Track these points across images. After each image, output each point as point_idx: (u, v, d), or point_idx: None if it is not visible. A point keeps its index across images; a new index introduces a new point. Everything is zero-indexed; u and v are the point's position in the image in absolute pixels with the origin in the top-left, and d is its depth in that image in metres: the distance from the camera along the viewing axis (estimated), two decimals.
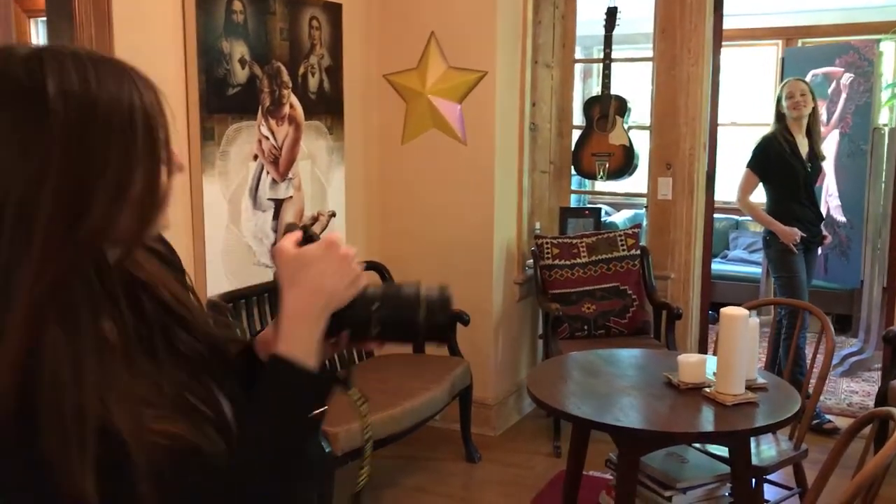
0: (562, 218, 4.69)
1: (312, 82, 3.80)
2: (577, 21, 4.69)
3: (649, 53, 4.53)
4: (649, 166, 4.53)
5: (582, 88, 6.89)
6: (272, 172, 3.58)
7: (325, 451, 2.89)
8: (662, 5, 4.38)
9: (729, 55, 5.63)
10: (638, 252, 4.29)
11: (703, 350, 4.55)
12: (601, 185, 5.32)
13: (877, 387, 3.92)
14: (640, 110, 4.80)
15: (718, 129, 4.57)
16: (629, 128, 4.62)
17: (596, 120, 4.60)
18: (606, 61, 4.59)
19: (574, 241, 4.31)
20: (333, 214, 3.97)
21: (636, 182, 5.01)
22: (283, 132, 3.63)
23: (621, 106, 4.58)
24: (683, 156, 4.39)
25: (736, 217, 7.21)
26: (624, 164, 4.58)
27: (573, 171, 4.79)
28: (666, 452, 2.84)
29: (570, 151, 4.72)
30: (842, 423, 4.24)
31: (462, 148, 4.15)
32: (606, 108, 4.58)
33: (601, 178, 4.62)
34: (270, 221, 3.57)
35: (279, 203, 3.62)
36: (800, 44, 6.95)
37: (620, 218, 6.94)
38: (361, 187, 4.23)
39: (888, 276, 5.27)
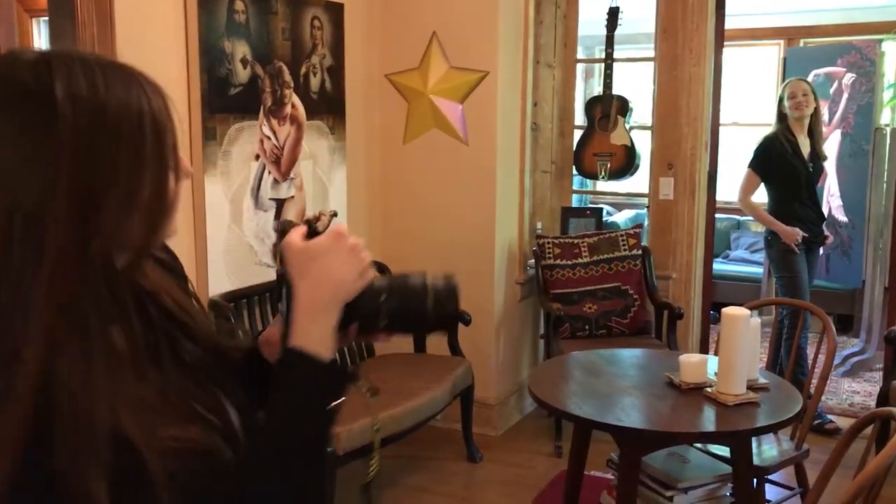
0: (563, 218, 4.69)
1: (314, 82, 3.80)
2: (578, 21, 4.70)
3: (651, 53, 4.53)
4: (651, 166, 4.53)
5: (583, 88, 6.89)
6: (274, 172, 3.58)
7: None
8: (664, 5, 4.38)
9: (730, 55, 5.62)
10: (639, 252, 4.29)
11: (704, 350, 4.55)
12: (603, 185, 5.32)
13: (878, 387, 3.91)
14: (642, 110, 4.79)
15: (720, 129, 4.57)
16: (631, 128, 4.62)
17: (597, 120, 4.60)
18: (608, 61, 4.59)
19: (575, 241, 4.31)
20: (335, 214, 3.96)
21: (638, 182, 5.01)
22: (285, 132, 3.64)
23: (623, 106, 4.58)
24: (685, 156, 4.39)
25: (737, 217, 7.20)
26: (625, 164, 4.58)
27: (575, 171, 4.79)
28: (667, 452, 2.84)
29: (572, 151, 4.72)
30: (843, 423, 4.24)
31: (464, 148, 4.15)
32: (608, 108, 4.58)
33: (603, 178, 4.62)
34: (272, 221, 3.57)
35: (281, 203, 3.63)
36: (801, 44, 6.94)
37: (622, 218, 6.94)
38: (363, 187, 4.23)
39: (890, 276, 5.28)
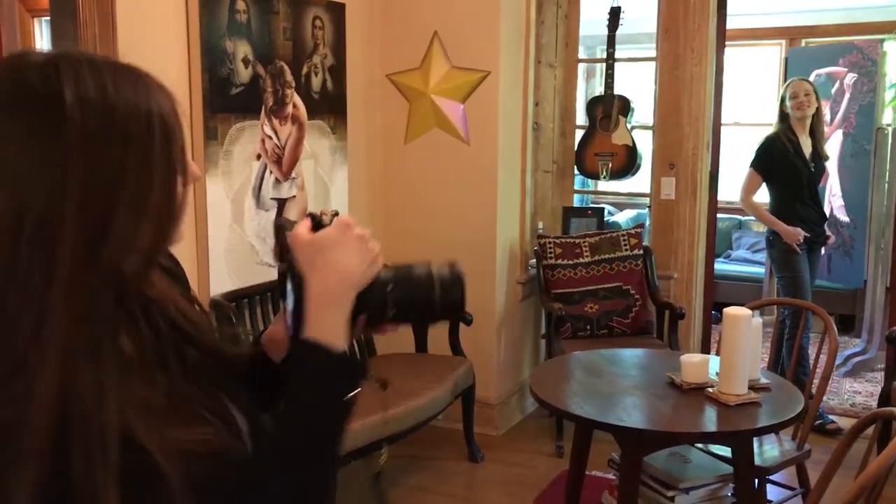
0: (565, 218, 4.68)
1: (315, 82, 3.80)
2: (580, 21, 4.70)
3: (652, 53, 4.53)
4: (652, 166, 4.52)
5: (585, 88, 6.88)
6: (275, 172, 3.58)
7: None
8: (666, 5, 4.37)
9: (732, 55, 5.62)
10: (641, 252, 4.29)
11: (705, 350, 4.55)
12: (604, 185, 5.31)
13: (880, 387, 3.91)
14: (644, 110, 4.79)
15: (722, 128, 4.56)
16: (632, 127, 4.61)
17: (599, 120, 4.60)
18: (609, 61, 4.59)
19: (577, 241, 4.30)
20: (336, 214, 3.95)
21: (639, 182, 5.01)
22: (287, 132, 3.64)
23: (624, 106, 4.58)
24: (686, 156, 4.39)
25: (739, 217, 7.20)
26: (627, 163, 4.58)
27: (576, 171, 4.79)
28: (669, 452, 2.84)
29: (573, 151, 4.72)
30: (845, 423, 4.24)
31: (465, 148, 4.15)
32: (609, 108, 4.58)
33: (604, 177, 4.62)
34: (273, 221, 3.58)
35: (282, 202, 3.63)
36: (803, 44, 6.94)
37: (623, 218, 6.93)
38: (364, 187, 4.23)
39: (891, 276, 5.27)
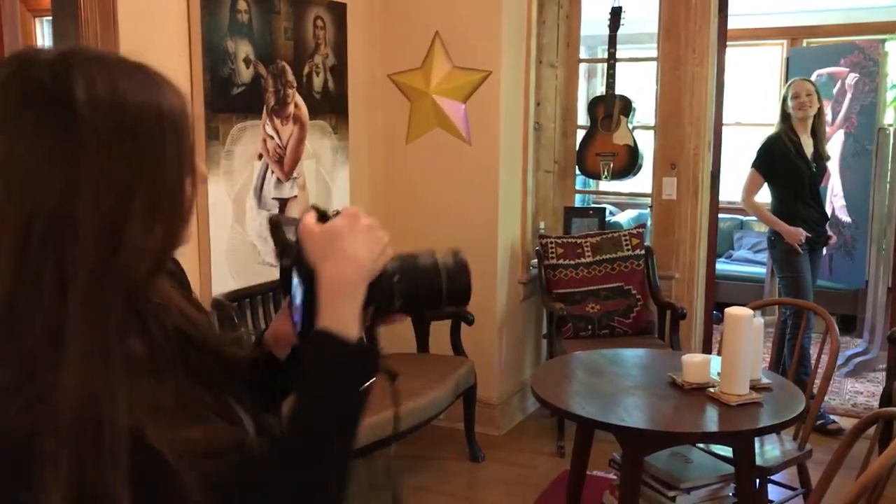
0: (566, 218, 4.68)
1: (317, 82, 3.80)
2: (581, 21, 4.70)
3: (654, 53, 4.53)
4: (654, 166, 4.52)
5: (586, 88, 6.88)
6: (277, 172, 3.58)
7: None
8: (667, 5, 4.37)
9: (733, 55, 5.61)
10: (642, 252, 4.29)
11: (707, 350, 4.55)
12: (605, 185, 5.31)
13: (881, 387, 3.91)
14: (645, 110, 4.79)
15: (723, 129, 4.56)
16: (633, 128, 4.61)
17: (600, 120, 4.60)
18: (611, 61, 4.59)
19: (578, 241, 4.30)
20: (338, 213, 3.96)
21: (640, 182, 5.01)
22: (288, 131, 3.64)
23: (626, 106, 4.57)
24: (688, 156, 4.39)
25: (740, 217, 7.20)
26: (628, 163, 4.58)
27: (577, 171, 4.79)
28: (670, 452, 2.84)
29: (575, 151, 4.72)
30: (846, 423, 4.24)
31: (466, 148, 4.15)
32: (611, 108, 4.58)
33: (605, 177, 4.62)
34: None
35: (284, 202, 3.63)
36: (805, 44, 6.94)
37: (625, 218, 6.93)
38: (366, 187, 4.23)
39: (893, 276, 5.27)
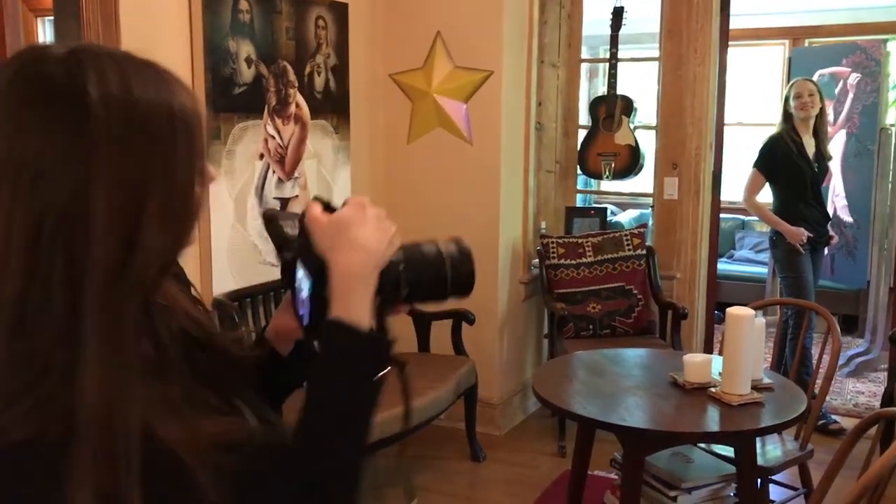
0: (567, 217, 4.68)
1: (318, 81, 3.80)
2: (583, 21, 4.69)
3: (655, 53, 4.53)
4: (655, 166, 4.52)
5: (588, 88, 6.88)
6: (278, 171, 3.58)
7: None
8: (669, 5, 4.37)
9: (735, 55, 5.61)
10: (644, 252, 4.29)
11: (708, 350, 4.55)
12: (607, 185, 5.31)
13: (883, 387, 3.91)
14: (646, 110, 4.79)
15: (725, 128, 4.56)
16: (635, 127, 4.61)
17: (602, 120, 4.60)
18: (612, 61, 4.59)
19: (580, 241, 4.30)
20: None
21: (642, 182, 5.01)
22: (289, 131, 3.64)
23: (627, 106, 4.57)
24: (689, 156, 4.38)
25: (742, 217, 7.19)
26: (630, 163, 4.58)
27: (579, 171, 4.79)
28: (671, 452, 2.83)
29: (576, 151, 4.72)
30: (847, 423, 4.23)
31: (468, 147, 4.15)
32: (612, 108, 4.58)
33: (607, 177, 4.62)
34: None
35: (285, 202, 3.63)
36: (806, 44, 6.93)
37: (626, 218, 6.93)
38: (367, 186, 4.23)
39: (895, 276, 5.26)
